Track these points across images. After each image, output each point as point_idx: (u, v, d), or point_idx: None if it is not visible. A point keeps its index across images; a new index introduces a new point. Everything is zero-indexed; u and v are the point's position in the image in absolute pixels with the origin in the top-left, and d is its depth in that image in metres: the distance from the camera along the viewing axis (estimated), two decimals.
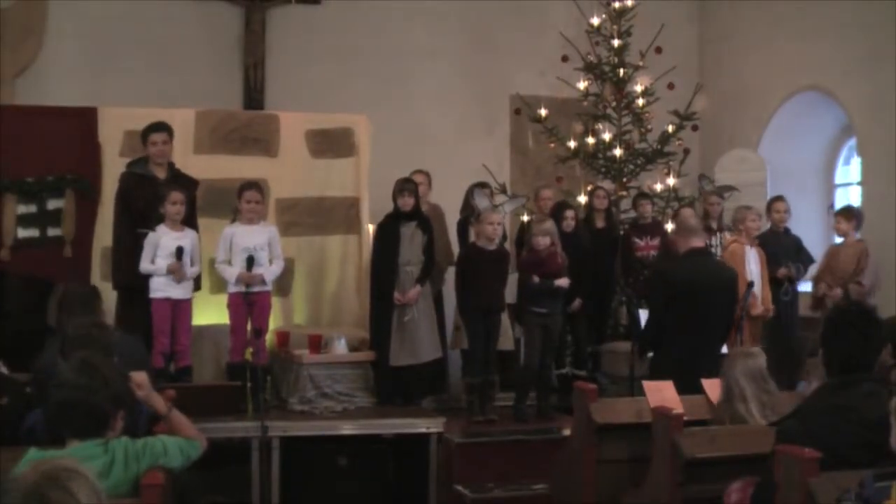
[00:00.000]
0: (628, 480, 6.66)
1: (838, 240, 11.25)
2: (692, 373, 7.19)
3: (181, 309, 9.24)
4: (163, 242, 9.15)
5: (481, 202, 10.01)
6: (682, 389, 6.93)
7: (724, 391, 6.56)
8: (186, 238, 9.28)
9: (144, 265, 9.14)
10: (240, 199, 9.56)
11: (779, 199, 11.49)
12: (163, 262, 9.12)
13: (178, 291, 9.20)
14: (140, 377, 5.28)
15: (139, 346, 7.57)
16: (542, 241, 9.75)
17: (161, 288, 9.15)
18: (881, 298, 10.63)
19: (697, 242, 8.29)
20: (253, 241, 9.46)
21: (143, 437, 4.86)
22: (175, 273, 9.11)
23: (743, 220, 10.67)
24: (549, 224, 10.00)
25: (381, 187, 10.55)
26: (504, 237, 10.64)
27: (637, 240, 11.58)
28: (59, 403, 4.61)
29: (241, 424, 8.72)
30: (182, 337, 9.22)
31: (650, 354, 8.50)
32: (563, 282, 9.84)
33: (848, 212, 11.04)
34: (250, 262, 9.33)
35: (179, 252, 9.11)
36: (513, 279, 10.19)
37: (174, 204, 9.19)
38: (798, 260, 11.20)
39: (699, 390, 7.05)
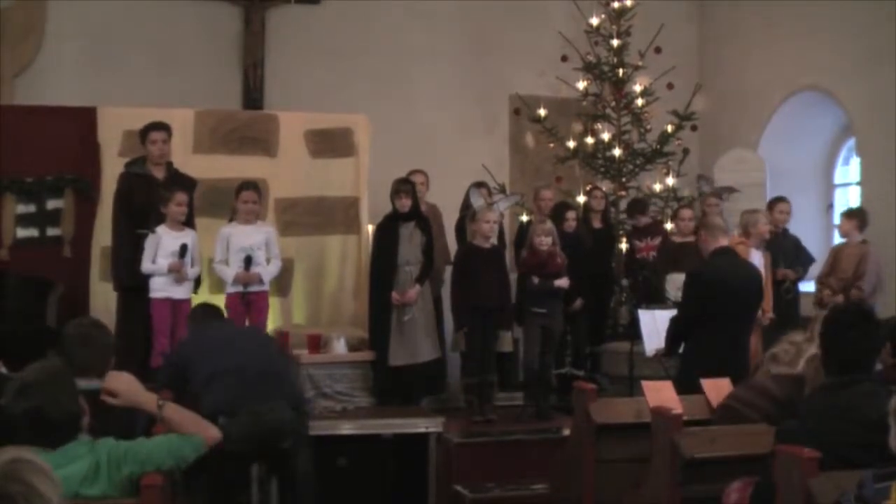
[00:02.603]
0: (628, 480, 6.65)
1: (840, 240, 11.28)
2: (725, 371, 7.17)
3: (181, 309, 9.23)
4: (164, 242, 9.15)
5: (476, 201, 10.03)
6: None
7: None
8: (187, 237, 9.29)
9: (146, 265, 9.14)
10: (237, 199, 9.58)
11: (782, 199, 11.47)
12: (164, 261, 9.12)
13: (178, 291, 9.22)
14: (117, 383, 5.17)
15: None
16: (545, 241, 9.77)
17: (161, 288, 9.17)
18: (882, 299, 10.66)
19: (724, 241, 8.31)
20: (250, 240, 9.48)
21: (132, 440, 4.77)
22: (177, 272, 9.11)
23: (755, 224, 10.62)
24: (550, 225, 10.03)
25: (381, 187, 10.55)
26: (502, 236, 10.66)
27: (637, 242, 11.57)
28: (20, 428, 4.50)
29: None
30: (181, 336, 9.21)
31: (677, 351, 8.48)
32: (563, 282, 9.86)
33: (849, 213, 11.06)
34: (248, 262, 9.34)
35: (183, 250, 9.12)
36: (512, 279, 10.18)
37: (179, 205, 9.21)
38: (797, 260, 11.19)
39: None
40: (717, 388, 6.91)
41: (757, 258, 10.36)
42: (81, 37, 12.93)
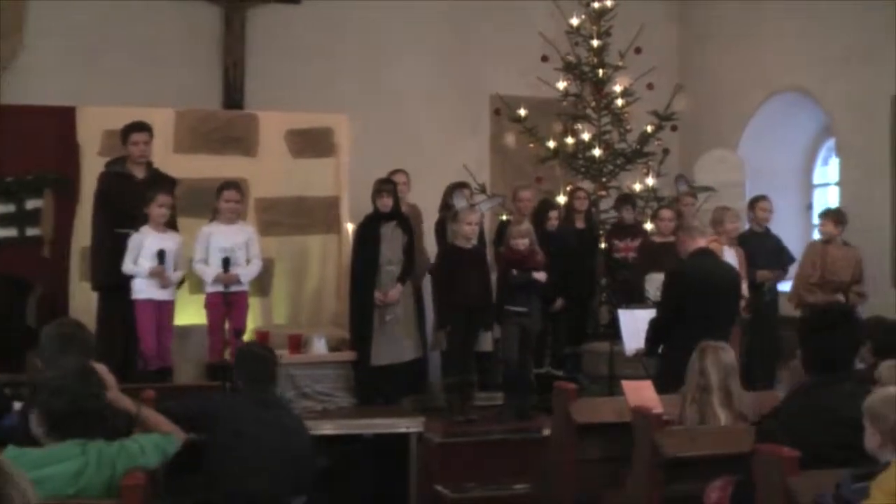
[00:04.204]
0: (608, 480, 6.67)
1: (816, 236, 11.30)
2: None
3: (164, 310, 9.21)
4: (147, 244, 9.10)
5: (459, 202, 10.03)
6: None
7: (691, 383, 6.54)
8: (169, 240, 9.24)
9: (127, 266, 9.09)
10: (219, 199, 9.56)
11: (763, 198, 11.50)
12: (146, 263, 9.08)
13: (161, 293, 9.17)
14: (107, 375, 5.21)
15: None
16: (521, 244, 9.78)
17: (143, 289, 9.11)
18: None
19: (702, 242, 8.32)
20: (230, 241, 9.47)
21: (120, 439, 4.84)
22: (158, 277, 9.08)
23: (721, 221, 10.68)
24: (526, 226, 10.04)
25: (362, 187, 10.55)
26: (481, 235, 10.65)
27: (617, 241, 11.58)
28: (64, 411, 4.57)
29: None
30: (164, 338, 9.19)
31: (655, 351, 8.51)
32: (541, 276, 9.85)
33: (834, 214, 11.02)
34: (226, 263, 9.31)
35: (161, 256, 9.08)
36: (493, 279, 10.19)
37: (161, 206, 9.16)
38: (779, 259, 11.22)
39: None
40: None
41: (730, 256, 10.39)
42: (61, 36, 12.86)
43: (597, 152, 12.63)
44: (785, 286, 11.46)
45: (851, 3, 11.95)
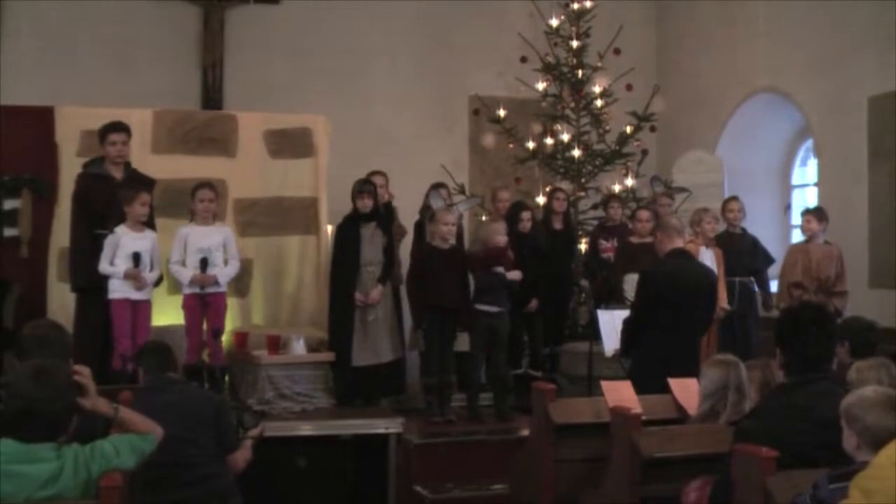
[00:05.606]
0: (587, 480, 6.66)
1: (799, 238, 11.30)
2: (676, 372, 7.19)
3: (140, 310, 9.16)
4: (123, 243, 9.07)
5: (436, 202, 10.03)
6: (665, 389, 7.08)
7: (722, 396, 6.46)
8: (146, 240, 9.19)
9: (103, 266, 9.04)
10: (193, 199, 9.52)
11: (732, 199, 11.51)
12: (122, 263, 9.04)
13: (136, 292, 9.14)
14: (87, 380, 5.12)
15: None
16: (501, 240, 9.82)
17: (119, 289, 9.07)
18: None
19: (679, 242, 8.30)
20: (208, 241, 9.42)
21: (93, 442, 4.79)
22: (133, 279, 9.04)
23: (699, 222, 10.70)
24: (502, 223, 10.08)
25: (340, 187, 10.53)
26: (461, 237, 10.64)
27: (603, 241, 11.56)
28: (14, 414, 4.54)
29: None
30: (140, 338, 9.10)
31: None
32: (515, 275, 9.85)
33: (819, 212, 11.03)
34: (204, 264, 9.28)
35: (137, 258, 9.04)
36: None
37: (143, 205, 9.13)
38: (754, 260, 11.21)
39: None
40: (684, 388, 6.95)
41: (708, 256, 10.41)
42: (38, 36, 12.85)
43: (576, 153, 12.68)
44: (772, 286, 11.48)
45: (828, 4, 12.00)
